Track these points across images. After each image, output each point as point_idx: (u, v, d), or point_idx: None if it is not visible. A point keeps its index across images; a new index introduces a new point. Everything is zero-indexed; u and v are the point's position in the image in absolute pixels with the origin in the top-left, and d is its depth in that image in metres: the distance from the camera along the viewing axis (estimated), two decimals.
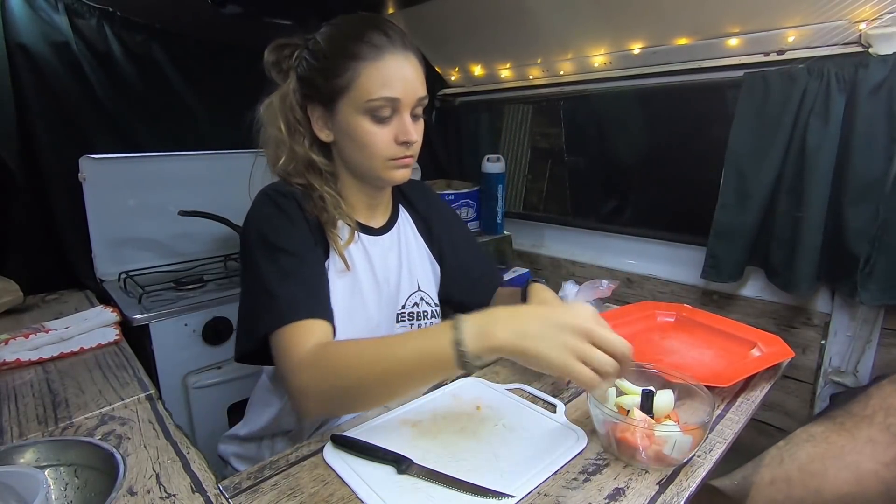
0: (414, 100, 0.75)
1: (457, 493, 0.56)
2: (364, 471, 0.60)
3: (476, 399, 0.76)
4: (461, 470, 0.59)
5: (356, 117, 0.74)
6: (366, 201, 0.85)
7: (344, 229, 0.80)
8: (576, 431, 0.67)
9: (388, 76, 0.72)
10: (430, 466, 0.60)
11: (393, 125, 0.75)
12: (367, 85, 0.72)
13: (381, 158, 0.76)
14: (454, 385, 0.81)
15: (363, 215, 0.85)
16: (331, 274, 0.78)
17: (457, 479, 0.57)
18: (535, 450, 0.64)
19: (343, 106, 0.74)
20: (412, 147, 0.77)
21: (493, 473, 0.59)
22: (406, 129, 0.75)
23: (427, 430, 0.68)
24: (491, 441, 0.65)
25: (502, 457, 0.62)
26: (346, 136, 0.76)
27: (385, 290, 0.85)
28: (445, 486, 0.57)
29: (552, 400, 0.75)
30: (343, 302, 0.78)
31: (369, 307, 0.82)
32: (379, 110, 0.73)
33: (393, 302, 0.86)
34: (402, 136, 0.75)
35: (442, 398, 0.77)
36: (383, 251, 0.86)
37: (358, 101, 0.73)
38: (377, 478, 0.59)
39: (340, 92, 0.74)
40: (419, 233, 0.94)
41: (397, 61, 0.73)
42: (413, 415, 0.72)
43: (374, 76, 0.72)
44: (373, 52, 0.72)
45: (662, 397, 0.63)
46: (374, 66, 0.71)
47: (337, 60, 0.73)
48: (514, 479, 0.58)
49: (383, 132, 0.74)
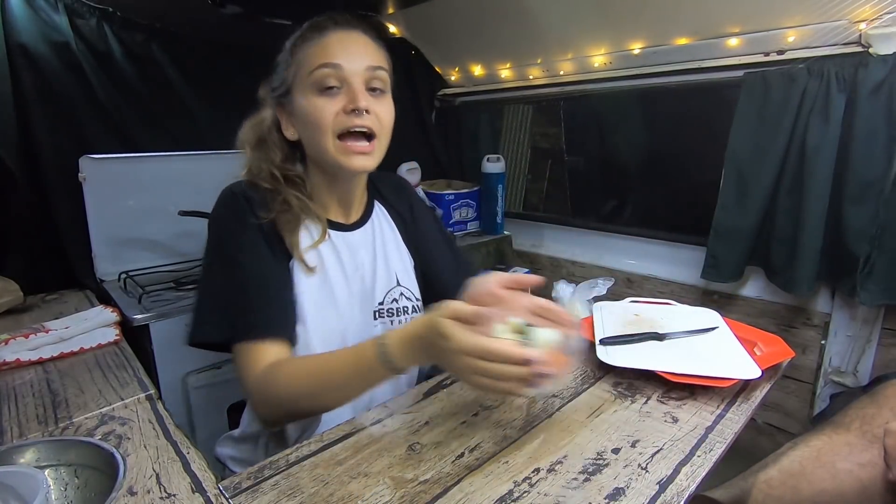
0: (362, 68, 0.73)
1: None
2: None
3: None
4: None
5: (306, 96, 0.74)
6: (337, 198, 0.85)
7: (313, 229, 0.81)
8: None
9: (330, 47, 0.72)
10: None
11: (341, 97, 0.73)
12: (310, 60, 0.73)
13: (331, 134, 0.74)
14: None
15: (335, 212, 0.85)
16: (297, 275, 0.78)
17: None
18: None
19: (296, 93, 0.75)
20: (366, 118, 0.73)
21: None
22: (353, 94, 0.72)
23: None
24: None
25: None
26: (301, 122, 0.77)
27: (357, 286, 0.84)
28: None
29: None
30: (311, 301, 0.79)
31: (340, 304, 0.82)
32: (323, 80, 0.72)
33: (368, 298, 0.86)
34: (349, 104, 0.72)
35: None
36: (354, 247, 0.85)
37: (305, 81, 0.73)
38: None
39: (292, 80, 0.75)
40: (395, 226, 0.93)
41: (339, 35, 0.73)
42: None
43: (316, 52, 0.73)
44: (315, 34, 0.74)
45: (546, 333, 0.61)
46: (317, 43, 0.73)
47: (287, 55, 0.76)
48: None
49: (331, 103, 0.73)
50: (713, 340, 0.89)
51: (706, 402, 0.75)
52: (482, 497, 0.56)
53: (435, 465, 0.62)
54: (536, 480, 0.59)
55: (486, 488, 0.57)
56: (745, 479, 0.94)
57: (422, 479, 0.59)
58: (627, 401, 0.75)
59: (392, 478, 0.60)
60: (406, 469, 0.61)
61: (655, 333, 0.90)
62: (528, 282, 0.69)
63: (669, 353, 0.84)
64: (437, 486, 0.58)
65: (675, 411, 0.72)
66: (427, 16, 1.68)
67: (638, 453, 0.63)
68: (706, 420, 0.70)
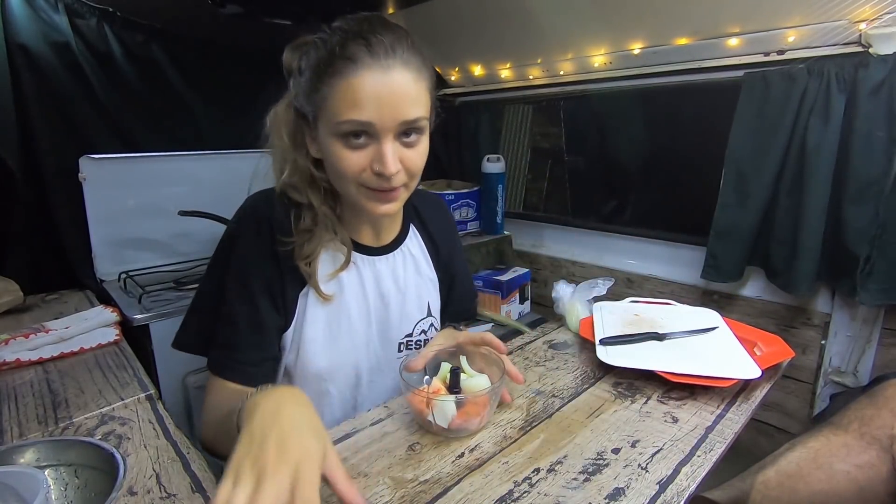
0: (395, 123, 0.64)
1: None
2: None
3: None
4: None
5: (329, 139, 0.66)
6: (367, 219, 0.79)
7: (337, 252, 0.76)
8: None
9: (360, 96, 0.62)
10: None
11: (369, 151, 0.65)
12: (337, 105, 0.63)
13: (355, 185, 0.68)
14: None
15: (364, 234, 0.80)
16: (310, 302, 0.76)
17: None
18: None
19: (322, 125, 0.67)
20: (392, 179, 0.66)
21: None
22: (382, 157, 0.64)
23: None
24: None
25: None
26: (325, 156, 0.69)
27: (380, 314, 0.81)
28: None
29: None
30: (323, 330, 0.77)
31: (356, 334, 0.79)
32: (350, 135, 0.64)
33: (394, 328, 0.83)
34: (375, 166, 0.65)
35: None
36: (380, 274, 0.81)
37: (329, 123, 0.65)
38: None
39: (317, 109, 0.66)
40: (428, 251, 0.88)
41: (374, 77, 0.62)
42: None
43: (345, 95, 0.62)
44: (347, 68, 0.62)
45: (477, 379, 0.69)
46: (347, 84, 0.62)
47: (313, 73, 0.66)
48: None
49: (356, 157, 0.65)
50: (713, 340, 0.89)
51: (706, 402, 0.75)
52: (482, 497, 0.56)
53: (435, 465, 0.62)
54: (536, 480, 0.59)
55: (486, 488, 0.57)
56: (744, 480, 0.94)
57: (422, 479, 0.59)
58: (627, 401, 0.75)
59: (392, 478, 0.60)
60: (406, 469, 0.61)
61: (655, 333, 0.90)
62: (494, 344, 0.73)
63: (669, 353, 0.84)
64: (437, 486, 0.58)
65: (675, 411, 0.72)
66: (427, 16, 1.68)
67: (638, 453, 0.63)
68: (706, 420, 0.70)
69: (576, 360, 0.90)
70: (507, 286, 1.69)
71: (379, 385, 0.84)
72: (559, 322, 1.06)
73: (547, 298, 1.24)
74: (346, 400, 0.82)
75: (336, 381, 0.80)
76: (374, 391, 0.83)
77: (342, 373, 0.80)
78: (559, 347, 0.95)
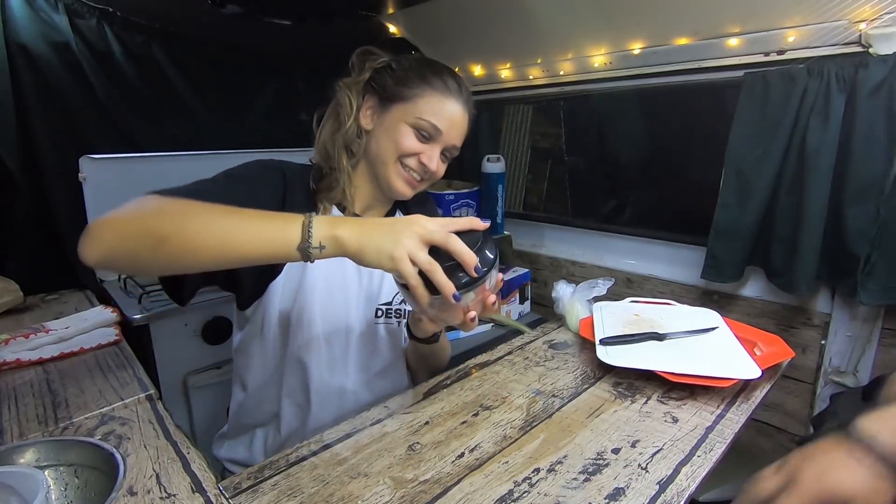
0: (450, 142, 0.86)
1: None
2: None
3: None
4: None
5: (402, 124, 0.83)
6: (369, 195, 0.91)
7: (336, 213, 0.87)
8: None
9: (444, 111, 0.84)
10: None
11: (426, 145, 0.85)
12: (424, 106, 0.83)
13: (397, 161, 0.84)
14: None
15: (360, 207, 0.91)
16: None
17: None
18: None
19: (396, 110, 0.84)
20: (427, 174, 0.86)
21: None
22: (431, 154, 0.84)
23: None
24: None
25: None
26: (384, 130, 0.85)
27: (365, 280, 0.90)
28: None
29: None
30: (323, 281, 0.84)
31: (349, 292, 0.88)
32: (422, 129, 0.83)
33: (374, 296, 0.91)
34: (424, 158, 0.84)
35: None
36: None
37: (410, 114, 0.83)
38: None
39: (401, 99, 0.84)
40: None
41: (456, 107, 0.85)
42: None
43: (434, 103, 0.83)
44: (442, 88, 0.84)
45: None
46: (438, 98, 0.84)
47: (413, 76, 0.85)
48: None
49: (415, 143, 0.84)
50: (713, 340, 0.89)
51: (706, 402, 0.75)
52: (482, 497, 0.56)
53: (435, 465, 0.62)
54: (536, 480, 0.59)
55: (486, 488, 0.58)
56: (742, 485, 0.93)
57: (422, 479, 0.59)
58: (627, 401, 0.75)
59: (392, 478, 0.60)
60: (406, 469, 0.61)
61: (655, 333, 0.90)
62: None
63: (669, 353, 0.84)
64: (437, 486, 0.58)
65: (675, 411, 0.72)
66: (427, 16, 1.68)
67: (638, 453, 0.63)
68: (706, 420, 0.70)
69: (576, 360, 0.90)
70: (507, 286, 1.69)
71: (363, 351, 0.91)
72: (559, 322, 1.06)
73: (547, 298, 1.24)
74: (336, 358, 0.88)
75: (328, 333, 0.87)
76: (362, 354, 0.90)
77: (334, 325, 0.87)
78: (559, 347, 0.95)
